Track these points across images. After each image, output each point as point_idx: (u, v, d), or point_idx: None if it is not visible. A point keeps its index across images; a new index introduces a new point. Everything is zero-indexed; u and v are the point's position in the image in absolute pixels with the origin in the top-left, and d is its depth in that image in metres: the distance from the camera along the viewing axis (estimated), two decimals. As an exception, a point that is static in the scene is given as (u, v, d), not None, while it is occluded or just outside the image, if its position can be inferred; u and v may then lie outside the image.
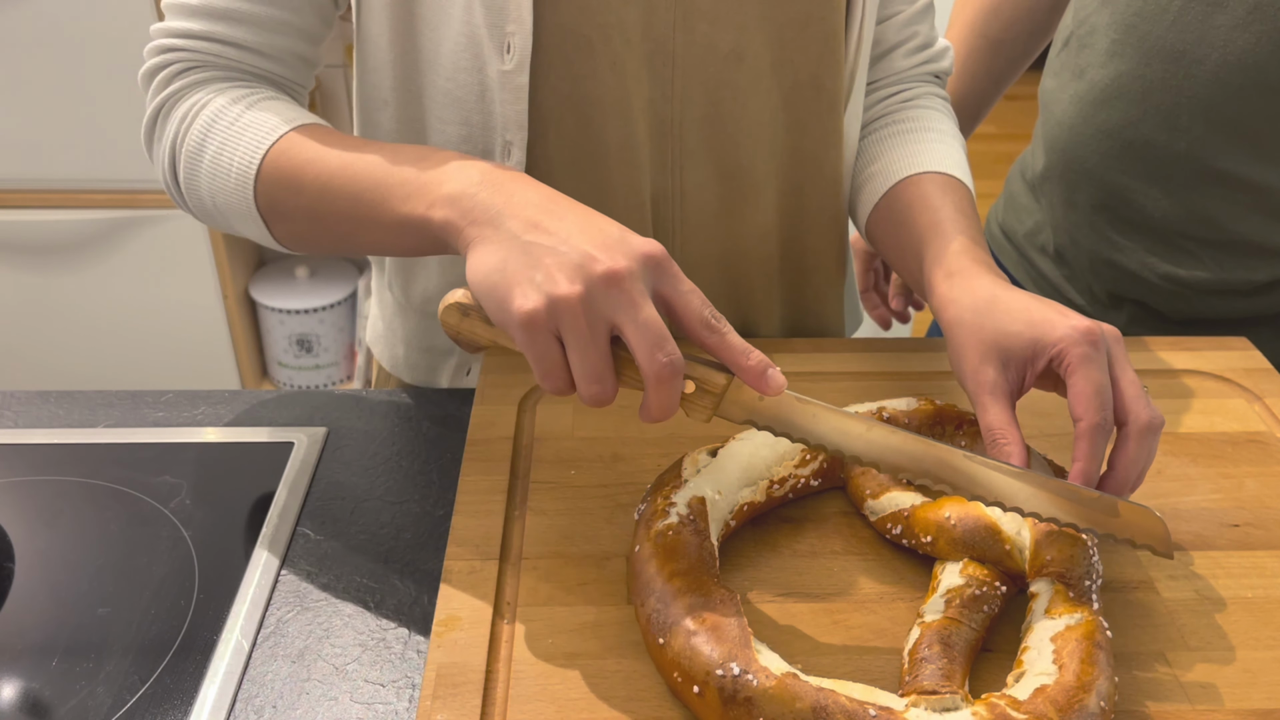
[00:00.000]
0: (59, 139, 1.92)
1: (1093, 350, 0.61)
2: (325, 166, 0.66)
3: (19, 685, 0.60)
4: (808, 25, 0.77)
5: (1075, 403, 0.60)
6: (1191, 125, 0.88)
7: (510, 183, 0.59)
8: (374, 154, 0.65)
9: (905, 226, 0.78)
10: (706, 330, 0.56)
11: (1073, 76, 0.96)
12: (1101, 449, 0.60)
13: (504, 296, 0.55)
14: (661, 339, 0.54)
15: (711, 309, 0.56)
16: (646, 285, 0.55)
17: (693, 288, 0.56)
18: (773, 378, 0.56)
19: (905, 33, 0.87)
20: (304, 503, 0.73)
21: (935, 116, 0.86)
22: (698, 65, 0.76)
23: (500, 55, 0.72)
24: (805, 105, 0.80)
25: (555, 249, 0.55)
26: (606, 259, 0.54)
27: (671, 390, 0.55)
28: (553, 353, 0.55)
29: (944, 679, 0.54)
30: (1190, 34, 0.86)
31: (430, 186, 0.61)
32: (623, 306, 0.54)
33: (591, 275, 0.53)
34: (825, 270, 0.89)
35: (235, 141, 0.68)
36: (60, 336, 2.12)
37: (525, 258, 0.55)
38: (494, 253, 0.56)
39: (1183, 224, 0.93)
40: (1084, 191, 0.97)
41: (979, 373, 0.64)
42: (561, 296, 0.53)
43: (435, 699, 0.55)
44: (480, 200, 0.58)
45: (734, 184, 0.81)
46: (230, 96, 0.70)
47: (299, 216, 0.68)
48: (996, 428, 0.62)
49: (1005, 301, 0.65)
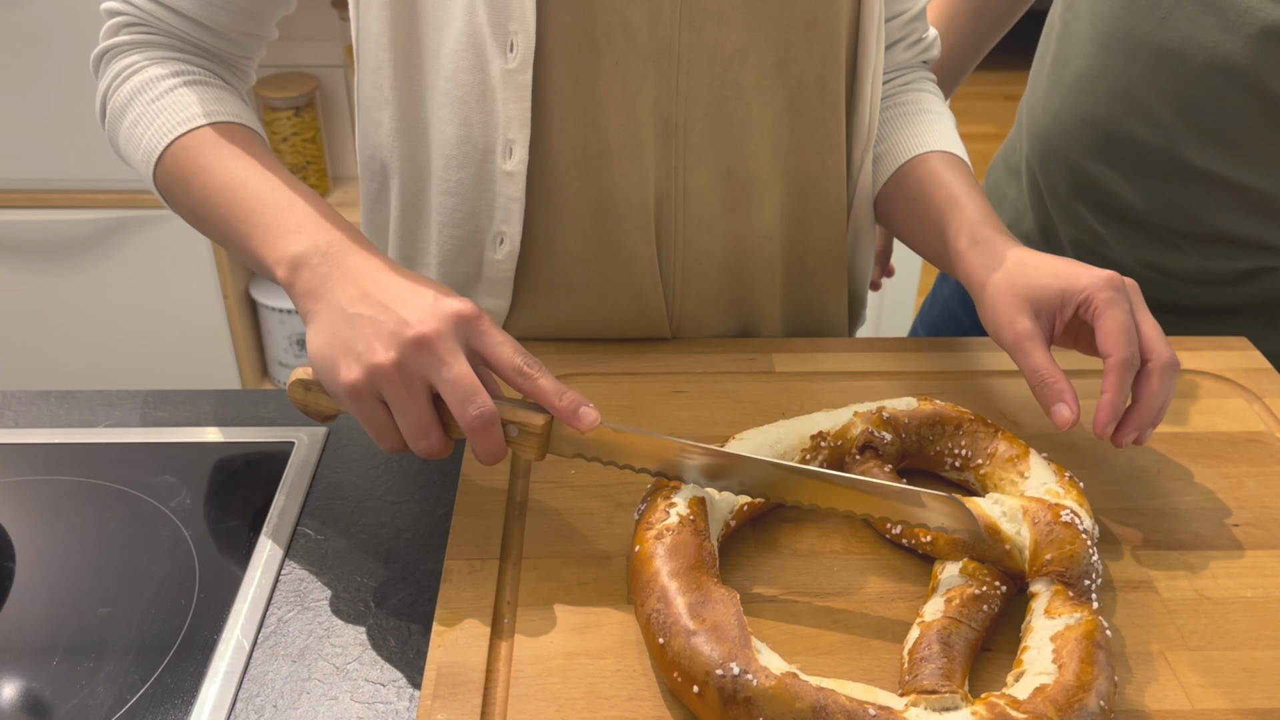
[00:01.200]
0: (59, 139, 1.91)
1: (1116, 294, 0.66)
2: (211, 180, 0.70)
3: (19, 685, 0.60)
4: (813, 26, 0.77)
5: (1105, 341, 0.65)
6: (1172, 123, 0.89)
7: (349, 254, 0.63)
8: (255, 184, 0.68)
9: (921, 203, 0.82)
10: (520, 377, 0.60)
11: (1058, 63, 0.97)
12: (1129, 383, 0.65)
13: (332, 369, 0.60)
14: (471, 393, 0.58)
15: (525, 356, 0.60)
16: (459, 343, 0.59)
17: (504, 338, 0.61)
18: (584, 414, 0.60)
19: (906, 30, 0.89)
20: (304, 503, 0.73)
21: (930, 99, 0.90)
22: (703, 65, 0.76)
23: (503, 54, 0.72)
24: (810, 106, 0.80)
25: (375, 319, 0.59)
26: (417, 324, 0.58)
27: (491, 437, 0.59)
28: (380, 416, 0.60)
29: (944, 679, 0.54)
30: (1179, 33, 0.86)
31: (283, 240, 0.65)
32: (433, 366, 0.58)
33: (404, 340, 0.58)
34: (828, 270, 0.89)
35: (150, 120, 0.73)
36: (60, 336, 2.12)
37: (349, 330, 0.60)
38: (324, 327, 0.61)
39: (1162, 216, 0.93)
40: (1066, 181, 0.98)
41: (1015, 323, 0.69)
42: (378, 364, 0.58)
43: (435, 699, 0.55)
44: (319, 272, 0.63)
45: (737, 184, 0.81)
46: (162, 70, 0.75)
47: (184, 213, 0.74)
48: (1042, 369, 0.67)
49: (1033, 261, 0.71)
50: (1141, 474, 0.73)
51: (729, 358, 0.84)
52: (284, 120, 1.97)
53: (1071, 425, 0.65)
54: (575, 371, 0.81)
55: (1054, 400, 0.65)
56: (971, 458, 0.70)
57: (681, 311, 0.86)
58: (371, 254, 0.64)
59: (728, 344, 0.86)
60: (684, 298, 0.85)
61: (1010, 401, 0.80)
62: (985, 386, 0.82)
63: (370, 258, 0.64)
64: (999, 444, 0.69)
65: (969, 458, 0.70)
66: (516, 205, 0.77)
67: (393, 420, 0.60)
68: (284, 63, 2.02)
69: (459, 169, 0.78)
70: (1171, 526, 0.69)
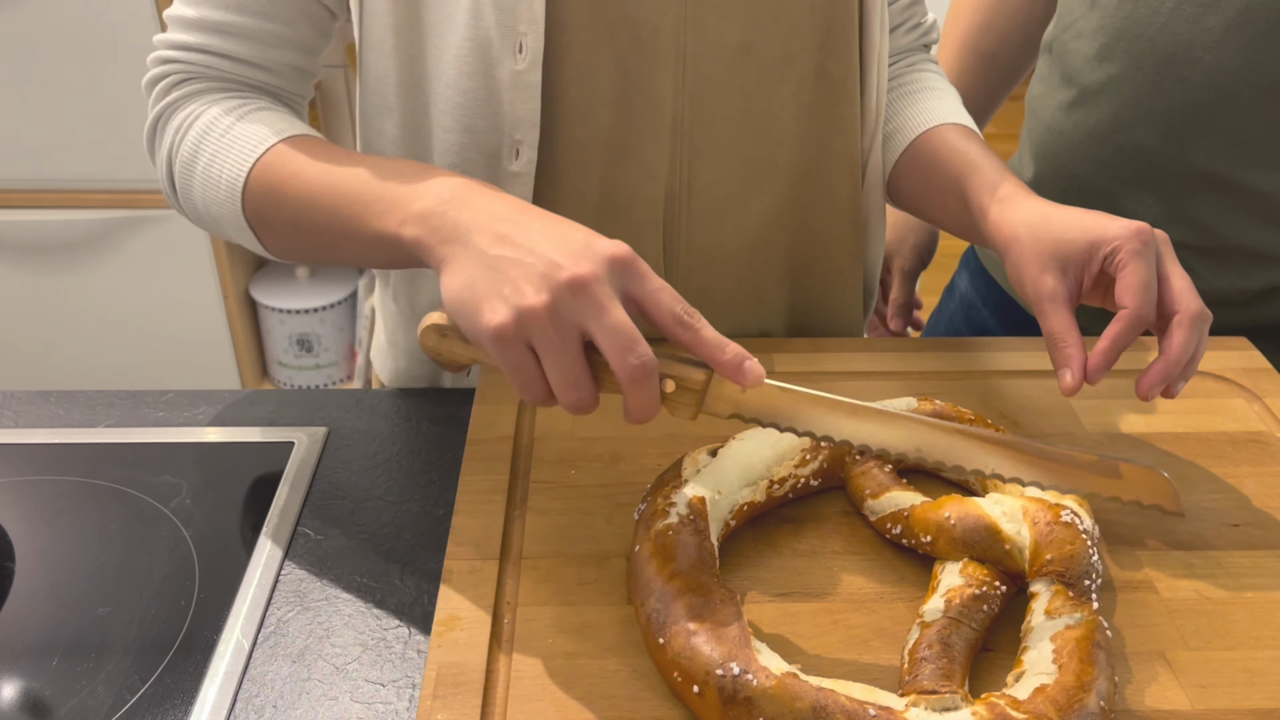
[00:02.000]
0: (59, 139, 1.92)
1: (1143, 247, 0.65)
2: (307, 181, 0.66)
3: (19, 685, 0.60)
4: (815, 14, 0.77)
5: (1122, 293, 0.64)
6: (1183, 129, 0.88)
7: (479, 197, 0.60)
8: (353, 168, 0.65)
9: (938, 170, 0.82)
10: (679, 326, 0.56)
11: (1060, 82, 0.96)
12: (1130, 339, 0.64)
13: (474, 313, 0.55)
14: (632, 341, 0.54)
15: (684, 304, 0.56)
16: (614, 288, 0.55)
17: (663, 285, 0.56)
18: (750, 369, 0.56)
19: (905, 15, 0.91)
20: (304, 502, 0.73)
21: (933, 77, 0.91)
22: (707, 60, 0.76)
23: (513, 55, 0.72)
24: (815, 94, 0.80)
25: (521, 261, 0.55)
26: (571, 266, 0.54)
27: (648, 391, 0.55)
28: (528, 364, 0.55)
29: (944, 679, 0.54)
30: (1181, 36, 0.86)
31: (402, 203, 0.61)
32: (590, 312, 0.54)
33: (557, 284, 0.54)
34: (839, 259, 0.89)
35: (225, 154, 0.69)
36: (60, 336, 2.12)
37: (492, 273, 0.55)
38: (463, 271, 0.57)
39: (1175, 230, 0.92)
40: (1074, 198, 0.97)
41: (1039, 281, 0.67)
42: (528, 308, 0.54)
43: (435, 699, 0.55)
44: (449, 218, 0.59)
45: (743, 176, 0.81)
46: (223, 108, 0.72)
47: (284, 229, 0.69)
48: (1058, 332, 0.66)
49: (1059, 215, 0.69)
50: (1141, 474, 0.73)
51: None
52: (284, 120, 1.96)
53: (1072, 393, 0.64)
54: (575, 371, 0.81)
55: (1061, 364, 0.65)
56: (971, 458, 0.70)
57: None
58: (504, 195, 0.60)
59: (728, 344, 0.86)
60: (689, 290, 0.85)
61: (1010, 401, 0.80)
62: (985, 386, 0.82)
63: (504, 198, 0.60)
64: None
65: (969, 458, 0.70)
66: None
67: (540, 369, 0.56)
68: (284, 63, 2.02)
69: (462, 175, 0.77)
70: (1172, 526, 0.69)
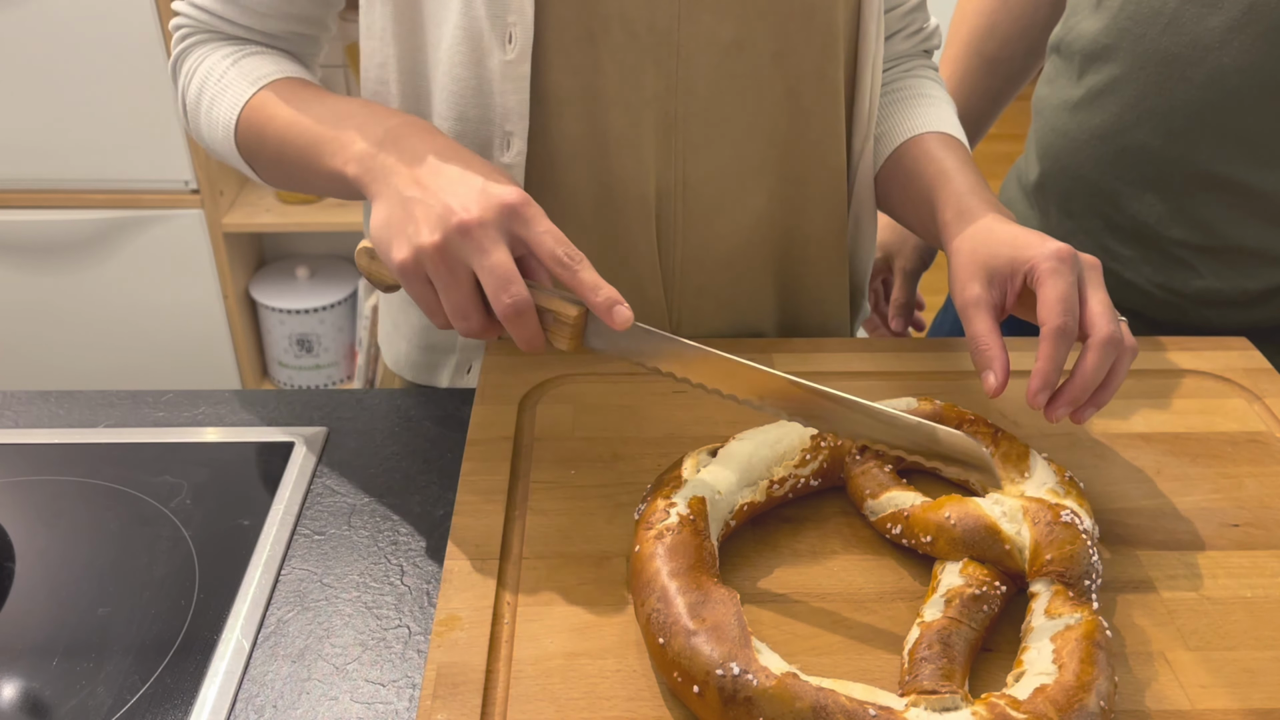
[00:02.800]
0: (59, 139, 1.92)
1: (1061, 265, 0.66)
2: (280, 124, 0.74)
3: (19, 685, 0.60)
4: (811, 16, 0.77)
5: (1041, 309, 0.65)
6: (1186, 129, 0.88)
7: (410, 139, 0.67)
8: (315, 110, 0.72)
9: (914, 178, 0.83)
10: (559, 267, 0.61)
11: (1066, 83, 0.96)
12: (1063, 354, 0.64)
13: (386, 247, 0.63)
14: (506, 280, 0.60)
15: (567, 247, 0.62)
16: (501, 232, 0.61)
17: (549, 228, 0.62)
18: (618, 312, 0.61)
19: (905, 20, 0.90)
20: (304, 502, 0.73)
21: (929, 84, 0.91)
22: (701, 56, 0.76)
23: (502, 45, 0.73)
24: (808, 96, 0.80)
25: (425, 202, 0.62)
26: (461, 211, 0.61)
27: (525, 325, 0.62)
28: (428, 294, 0.63)
29: (944, 679, 0.54)
30: (1185, 36, 0.86)
31: (347, 145, 0.69)
32: (473, 253, 0.61)
33: (449, 226, 0.60)
34: (827, 260, 0.89)
35: (220, 98, 0.77)
36: (60, 336, 2.12)
37: (403, 212, 0.63)
38: (383, 208, 0.64)
39: (1178, 230, 0.93)
40: (1079, 199, 0.97)
41: (966, 289, 0.70)
42: (423, 246, 0.61)
43: (435, 699, 0.55)
44: (379, 160, 0.66)
45: (737, 175, 0.81)
46: (221, 53, 0.79)
47: (269, 163, 0.77)
48: (979, 336, 0.68)
49: (999, 230, 0.71)
50: (1141, 474, 0.73)
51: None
52: (284, 120, 1.96)
53: (996, 394, 0.66)
54: (575, 371, 0.81)
55: (984, 366, 0.67)
56: (971, 458, 0.70)
57: (681, 304, 0.86)
58: (429, 136, 0.67)
59: (728, 343, 0.86)
60: (684, 289, 0.85)
61: (1010, 401, 0.80)
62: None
63: (428, 140, 0.66)
64: (999, 444, 0.69)
65: (969, 458, 0.70)
66: None
67: (439, 299, 0.63)
68: (284, 63, 2.02)
69: None
70: (1171, 526, 0.69)
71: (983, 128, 1.13)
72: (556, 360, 0.82)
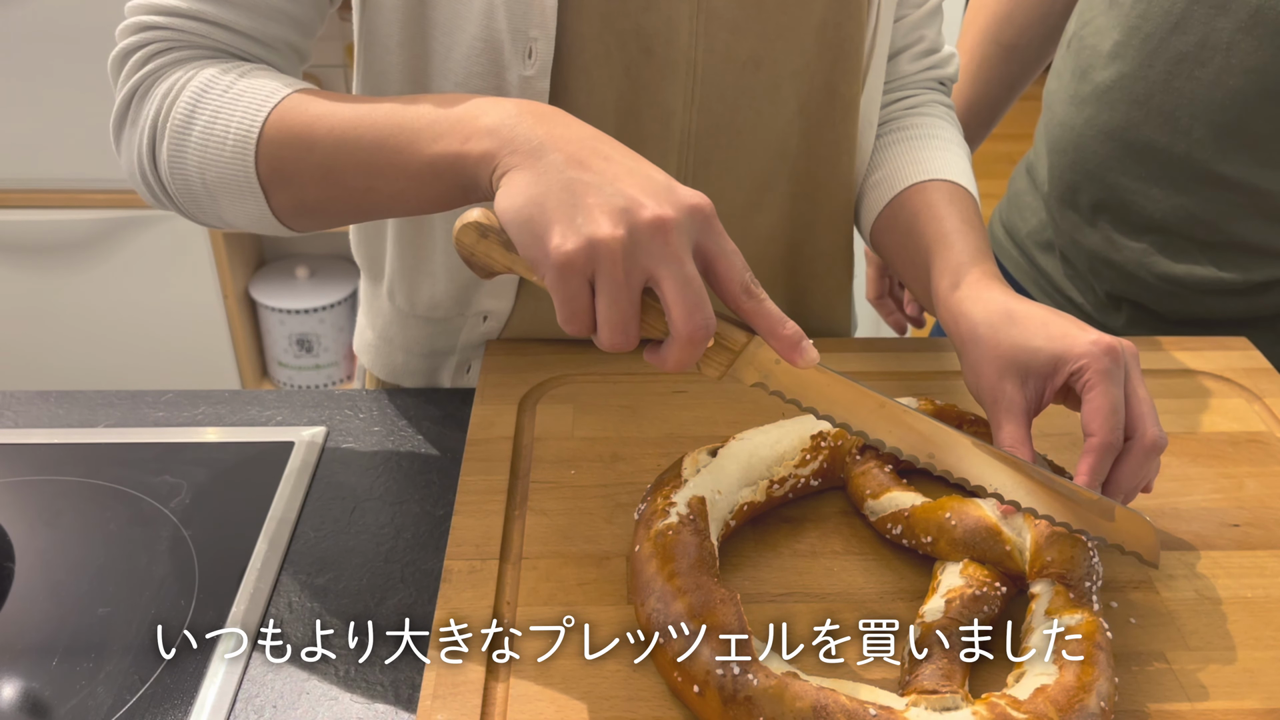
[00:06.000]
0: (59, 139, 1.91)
1: (1114, 367, 0.61)
2: (340, 119, 0.62)
3: (19, 685, 0.60)
4: (827, 32, 0.76)
5: (1091, 419, 0.60)
6: (1192, 127, 0.88)
7: (554, 116, 0.57)
8: (392, 103, 0.61)
9: (911, 236, 0.78)
10: (745, 295, 0.54)
11: (1075, 78, 0.96)
12: (1107, 466, 0.61)
13: (541, 232, 0.52)
14: (701, 300, 0.52)
15: (751, 273, 0.55)
16: (689, 239, 0.52)
17: (735, 248, 0.54)
18: (806, 350, 0.55)
19: (912, 36, 0.87)
20: (304, 503, 0.73)
21: (940, 124, 0.86)
22: (718, 73, 0.75)
23: (522, 60, 0.71)
24: (821, 111, 0.79)
25: (600, 188, 0.52)
26: (654, 205, 0.51)
27: (698, 349, 0.53)
28: (582, 296, 0.53)
29: (944, 679, 0.54)
30: (1193, 37, 0.86)
31: (465, 121, 0.57)
32: (665, 259, 0.51)
33: (636, 221, 0.51)
34: (834, 274, 0.89)
35: (231, 107, 0.63)
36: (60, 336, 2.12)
37: (567, 194, 0.52)
38: (533, 183, 0.53)
39: (1182, 225, 0.93)
40: (1085, 193, 0.98)
41: (997, 389, 0.64)
42: (603, 240, 0.51)
43: (435, 699, 0.55)
44: (521, 131, 0.55)
45: (747, 190, 0.81)
46: (220, 68, 0.65)
47: (307, 178, 0.63)
48: (1009, 446, 0.63)
49: (1021, 315, 0.65)
50: (1141, 474, 0.73)
51: (729, 358, 0.84)
52: (284, 120, 1.96)
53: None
54: (575, 372, 0.81)
55: None
56: (971, 458, 0.70)
57: None
58: (580, 122, 0.57)
59: (728, 344, 0.86)
60: None
61: (1010, 401, 0.79)
62: (985, 386, 0.81)
63: (582, 124, 0.56)
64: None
65: (969, 458, 0.70)
66: None
67: (591, 302, 0.53)
68: (284, 63, 2.02)
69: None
70: (1171, 526, 0.69)
71: (996, 116, 1.13)
72: (556, 360, 0.82)
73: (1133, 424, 0.61)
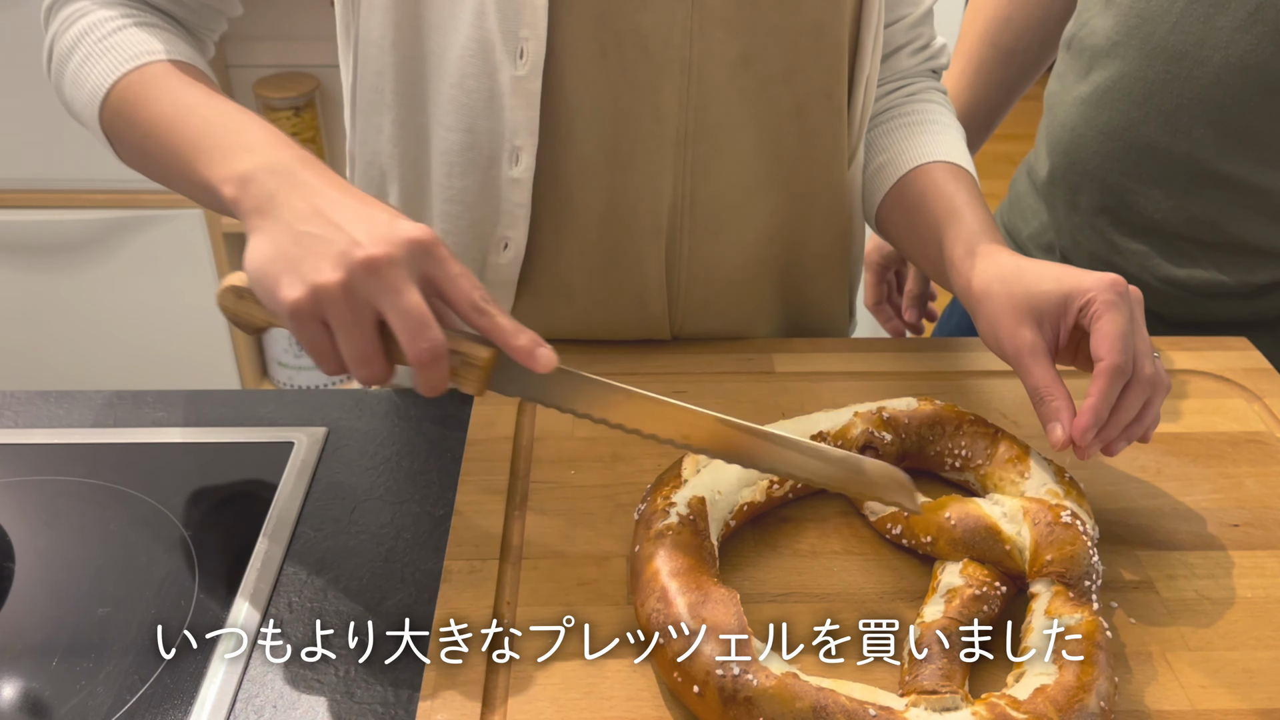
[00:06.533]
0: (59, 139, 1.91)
1: (1118, 298, 0.63)
2: (157, 110, 0.67)
3: (19, 685, 0.60)
4: (820, 34, 0.76)
5: (1100, 344, 0.62)
6: (1192, 127, 0.88)
7: (301, 170, 0.60)
8: (202, 110, 0.66)
9: (920, 213, 0.80)
10: (475, 313, 0.57)
11: (1076, 79, 0.97)
12: (1115, 392, 0.62)
13: (273, 285, 0.56)
14: (422, 325, 0.55)
15: (481, 291, 0.57)
16: (412, 271, 0.55)
17: (462, 271, 0.57)
18: (541, 355, 0.58)
19: (911, 34, 0.88)
20: (304, 503, 0.73)
21: (937, 110, 0.88)
22: (712, 73, 0.75)
23: (513, 60, 0.71)
24: (815, 113, 0.80)
25: (323, 237, 0.55)
26: (369, 246, 0.54)
27: (437, 371, 0.56)
28: (321, 338, 0.56)
29: (944, 679, 0.54)
30: (1192, 35, 0.86)
31: (229, 159, 0.62)
32: (384, 293, 0.54)
33: (353, 262, 0.54)
34: (829, 275, 0.89)
35: (96, 60, 0.70)
36: (60, 336, 2.12)
37: (295, 247, 0.56)
38: (268, 241, 0.57)
39: (1183, 226, 0.93)
40: (1086, 194, 0.97)
41: (1016, 335, 0.66)
42: (323, 284, 0.54)
43: (435, 699, 0.55)
44: (265, 187, 0.59)
45: (743, 191, 0.81)
46: (111, 11, 0.71)
47: (132, 148, 0.71)
48: (1043, 386, 0.64)
49: (1031, 267, 0.68)
50: (1141, 474, 0.73)
51: (729, 358, 0.84)
52: (283, 120, 1.97)
53: (1064, 447, 0.63)
54: (575, 371, 0.81)
55: (1050, 418, 0.63)
56: (971, 458, 0.70)
57: (685, 318, 0.86)
58: (325, 173, 0.60)
59: (728, 344, 0.86)
60: (688, 304, 0.85)
61: (1010, 402, 0.80)
62: (985, 387, 0.82)
63: (324, 175, 0.60)
64: (999, 444, 0.69)
65: (969, 458, 0.70)
66: (522, 211, 0.77)
67: (334, 343, 0.56)
68: (284, 63, 2.02)
69: (463, 176, 0.77)
70: (1171, 526, 0.69)
71: (995, 119, 1.13)
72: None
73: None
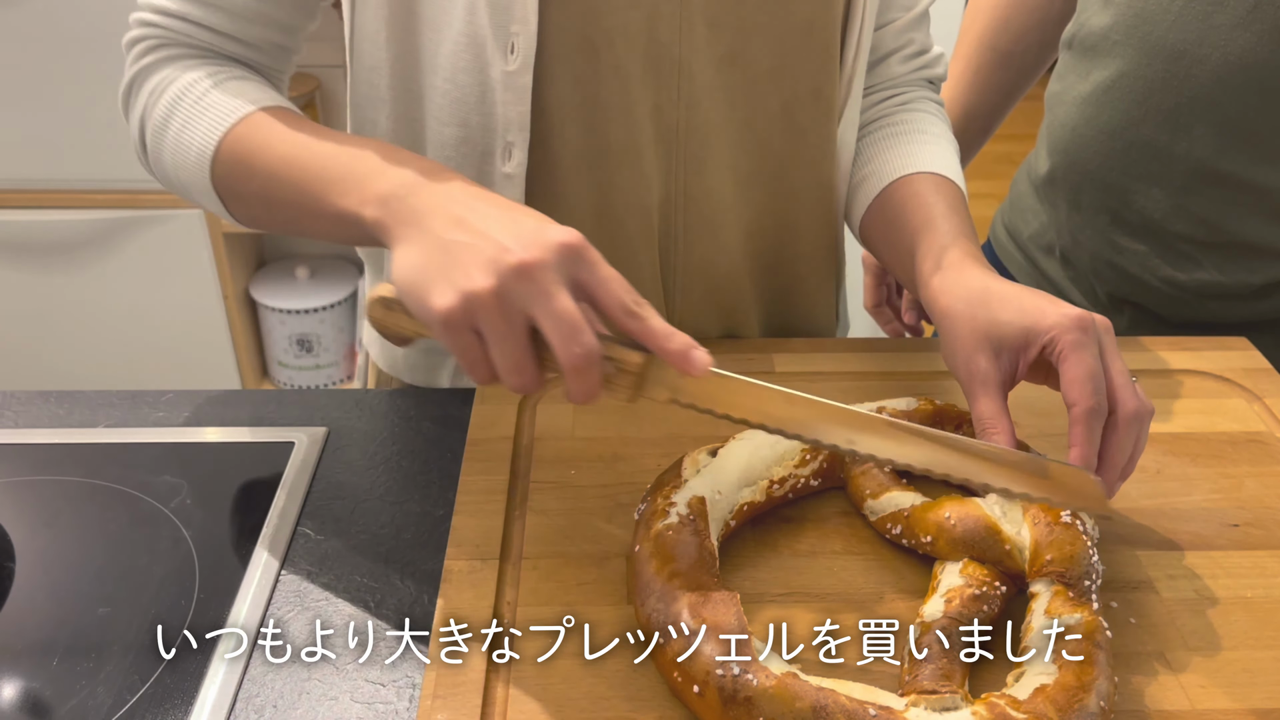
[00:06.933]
0: (59, 139, 1.91)
1: (1084, 337, 0.61)
2: (274, 155, 0.67)
3: (19, 685, 0.60)
4: (810, 33, 0.76)
5: (1069, 388, 0.61)
6: (1192, 125, 0.88)
7: (439, 182, 0.60)
8: (321, 144, 0.66)
9: (897, 224, 0.79)
10: (627, 316, 0.56)
11: (1076, 79, 0.97)
12: (1097, 433, 0.61)
13: (423, 295, 0.56)
14: (575, 330, 0.54)
15: (633, 294, 0.56)
16: (562, 275, 0.55)
17: (613, 274, 0.56)
18: (696, 358, 0.56)
19: (901, 39, 0.87)
20: (304, 503, 0.73)
21: (929, 120, 0.87)
22: (701, 70, 0.76)
23: (504, 55, 0.72)
24: (804, 112, 0.80)
25: (472, 245, 0.55)
26: (520, 251, 0.54)
27: (590, 377, 0.55)
28: (473, 347, 0.56)
29: (944, 679, 0.54)
30: (1191, 33, 0.86)
31: (365, 184, 0.62)
32: (536, 298, 0.54)
33: (504, 269, 0.54)
34: (817, 275, 0.89)
35: (197, 121, 0.69)
36: (60, 336, 2.12)
37: (444, 256, 0.56)
38: (416, 252, 0.57)
39: (1183, 226, 0.93)
40: (1087, 194, 0.98)
41: (971, 362, 0.65)
42: (475, 292, 0.54)
43: (435, 699, 0.55)
44: (408, 202, 0.60)
45: (732, 187, 0.81)
46: (198, 74, 0.71)
47: (252, 199, 0.70)
48: (987, 417, 0.63)
49: (997, 292, 0.66)
50: (1141, 474, 0.73)
51: (729, 358, 0.84)
52: (284, 120, 1.96)
53: None
54: (575, 371, 0.81)
55: None
56: (971, 458, 0.70)
57: (683, 315, 0.86)
58: (464, 181, 0.61)
59: (728, 344, 0.86)
60: (684, 301, 0.85)
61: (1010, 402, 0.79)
62: (985, 386, 0.81)
63: (465, 184, 0.60)
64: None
65: (969, 458, 0.70)
66: None
67: (486, 352, 0.56)
68: (284, 63, 2.02)
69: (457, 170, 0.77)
70: (1171, 526, 0.69)
71: (995, 122, 1.13)
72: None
73: (1112, 396, 0.61)
